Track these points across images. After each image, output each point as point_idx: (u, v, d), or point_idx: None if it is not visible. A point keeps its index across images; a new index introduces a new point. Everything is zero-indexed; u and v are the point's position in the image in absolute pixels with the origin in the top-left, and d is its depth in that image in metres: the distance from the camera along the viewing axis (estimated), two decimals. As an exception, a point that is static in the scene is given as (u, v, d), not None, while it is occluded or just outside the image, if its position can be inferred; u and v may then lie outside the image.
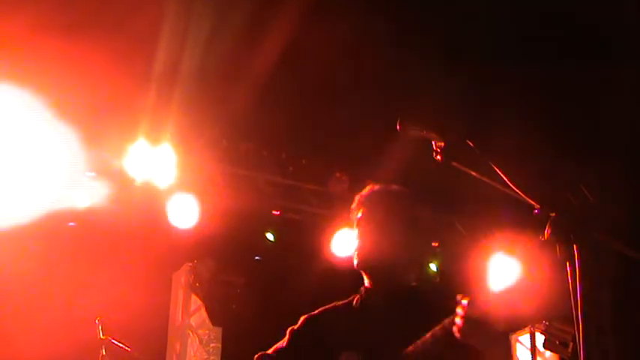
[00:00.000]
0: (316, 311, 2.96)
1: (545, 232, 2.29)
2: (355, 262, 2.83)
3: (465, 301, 2.45)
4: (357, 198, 2.93)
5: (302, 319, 2.95)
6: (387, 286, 2.83)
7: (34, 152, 5.65)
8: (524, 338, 7.41)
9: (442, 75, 5.49)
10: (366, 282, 2.89)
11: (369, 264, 2.82)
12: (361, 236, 2.83)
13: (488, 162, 2.47)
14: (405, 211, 2.85)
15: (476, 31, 5.49)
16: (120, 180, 6.29)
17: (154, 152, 6.23)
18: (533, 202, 2.42)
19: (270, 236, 7.24)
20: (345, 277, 3.20)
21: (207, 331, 8.13)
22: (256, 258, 7.51)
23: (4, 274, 5.91)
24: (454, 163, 2.52)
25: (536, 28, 5.47)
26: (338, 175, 6.82)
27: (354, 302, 2.89)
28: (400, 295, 2.80)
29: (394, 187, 2.96)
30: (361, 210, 2.87)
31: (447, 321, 2.55)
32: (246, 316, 7.42)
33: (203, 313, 7.97)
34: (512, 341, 7.39)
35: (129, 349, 5.66)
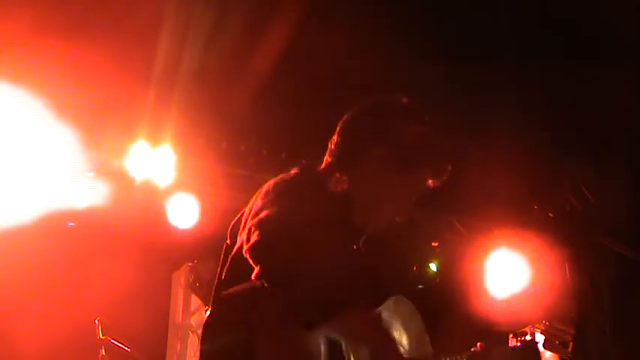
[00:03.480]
0: None
1: (546, 232, 2.29)
2: None
3: None
4: None
5: None
6: None
7: (34, 152, 5.66)
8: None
9: (442, 75, 5.49)
10: None
11: None
12: None
13: (489, 162, 2.47)
14: None
15: (476, 30, 5.49)
16: (120, 180, 6.29)
17: (153, 152, 6.23)
18: (533, 202, 2.42)
19: (270, 236, 7.22)
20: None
21: (207, 331, 8.12)
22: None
23: (4, 274, 5.92)
24: (454, 163, 2.52)
25: (537, 27, 5.47)
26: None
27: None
28: None
29: None
30: None
31: None
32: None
33: (203, 313, 7.96)
34: (512, 341, 7.38)
35: (129, 349, 5.67)
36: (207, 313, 2.32)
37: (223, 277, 2.47)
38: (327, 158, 2.75)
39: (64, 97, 5.55)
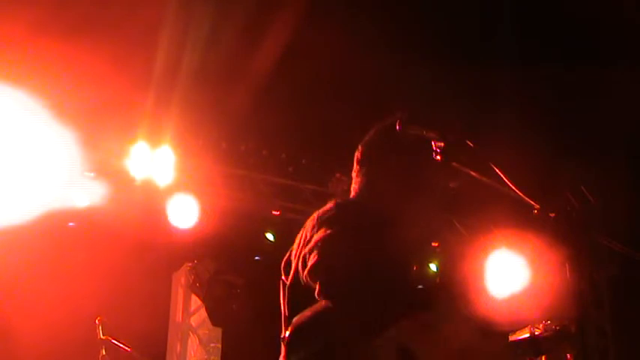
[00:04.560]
0: None
1: (545, 232, 2.29)
2: None
3: None
4: None
5: None
6: None
7: (35, 153, 5.66)
8: (524, 338, 7.39)
9: (442, 75, 5.49)
10: None
11: None
12: None
13: (488, 162, 2.47)
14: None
15: (475, 31, 5.50)
16: (120, 180, 6.29)
17: (153, 153, 6.24)
18: (533, 202, 2.42)
19: (270, 236, 7.24)
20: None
21: (207, 331, 8.14)
22: (256, 258, 7.51)
23: (5, 274, 5.92)
24: (454, 163, 2.52)
25: (537, 28, 5.47)
26: (338, 175, 6.82)
27: None
28: None
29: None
30: None
31: None
32: (246, 316, 7.42)
33: (203, 313, 7.97)
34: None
35: (129, 349, 5.67)
36: (287, 334, 2.54)
37: (287, 310, 2.70)
38: (353, 187, 2.88)
39: (65, 98, 5.56)
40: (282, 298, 2.76)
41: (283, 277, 2.79)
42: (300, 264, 2.60)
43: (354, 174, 2.89)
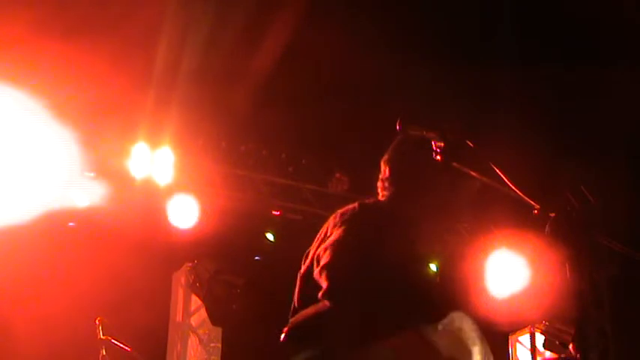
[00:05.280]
0: None
1: (545, 232, 2.29)
2: None
3: None
4: None
5: None
6: None
7: (35, 153, 5.67)
8: (525, 338, 7.41)
9: (442, 75, 5.49)
10: None
11: None
12: None
13: (488, 162, 2.47)
14: None
15: (475, 31, 5.50)
16: (120, 180, 6.29)
17: (153, 153, 6.24)
18: (533, 202, 2.42)
19: (270, 236, 7.24)
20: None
21: (207, 331, 8.14)
22: (256, 258, 7.51)
23: (5, 274, 5.92)
24: (454, 163, 2.52)
25: (537, 28, 5.47)
26: (338, 175, 6.82)
27: None
28: None
29: None
30: None
31: None
32: (246, 316, 7.43)
33: (203, 313, 7.97)
34: (512, 341, 7.39)
35: (129, 349, 5.67)
36: (284, 333, 2.52)
37: (296, 302, 2.68)
38: (381, 191, 2.84)
39: (65, 98, 5.56)
40: (296, 289, 2.75)
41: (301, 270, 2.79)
42: (315, 259, 2.60)
43: (382, 175, 2.85)
